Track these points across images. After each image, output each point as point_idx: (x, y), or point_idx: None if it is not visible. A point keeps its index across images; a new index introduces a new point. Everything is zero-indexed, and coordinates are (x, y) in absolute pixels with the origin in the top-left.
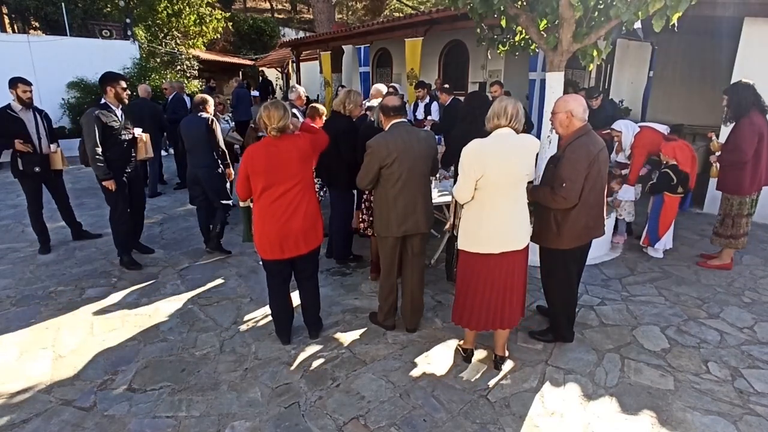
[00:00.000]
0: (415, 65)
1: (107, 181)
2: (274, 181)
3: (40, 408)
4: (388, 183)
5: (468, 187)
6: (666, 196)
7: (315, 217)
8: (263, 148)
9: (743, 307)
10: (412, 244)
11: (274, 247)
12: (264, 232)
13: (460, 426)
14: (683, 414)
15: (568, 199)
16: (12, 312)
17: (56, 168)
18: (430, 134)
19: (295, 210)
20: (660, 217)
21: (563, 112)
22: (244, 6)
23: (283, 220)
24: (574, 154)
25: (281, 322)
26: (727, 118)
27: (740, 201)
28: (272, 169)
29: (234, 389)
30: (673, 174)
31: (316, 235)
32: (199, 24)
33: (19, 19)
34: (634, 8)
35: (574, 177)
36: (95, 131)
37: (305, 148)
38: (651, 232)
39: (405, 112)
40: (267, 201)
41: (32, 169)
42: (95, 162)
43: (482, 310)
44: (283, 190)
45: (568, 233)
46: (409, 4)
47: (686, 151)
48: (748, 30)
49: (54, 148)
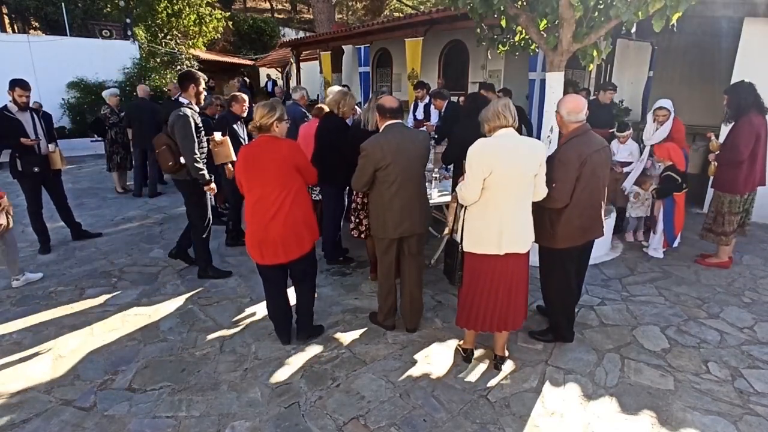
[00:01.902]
0: (415, 65)
1: (209, 185)
2: (254, 183)
3: (40, 408)
4: (383, 185)
5: (476, 186)
6: (676, 196)
7: (299, 224)
8: (249, 147)
9: (743, 307)
10: (409, 245)
11: (256, 251)
12: (248, 234)
13: (460, 426)
14: (683, 414)
15: (557, 200)
16: (12, 312)
17: (55, 168)
18: (424, 135)
19: (275, 216)
20: (675, 219)
21: (557, 113)
22: (244, 6)
23: (262, 223)
24: (564, 155)
25: (278, 323)
26: (727, 117)
27: (731, 200)
28: (250, 170)
29: (234, 389)
30: (676, 175)
31: (300, 245)
32: (199, 24)
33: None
34: (634, 8)
35: (564, 177)
36: (193, 132)
37: (287, 159)
38: (668, 233)
39: (401, 113)
40: (249, 202)
41: (31, 170)
42: (196, 166)
43: (487, 312)
44: (261, 194)
45: (562, 233)
46: (409, 4)
47: (678, 150)
48: (748, 30)
49: (52, 147)
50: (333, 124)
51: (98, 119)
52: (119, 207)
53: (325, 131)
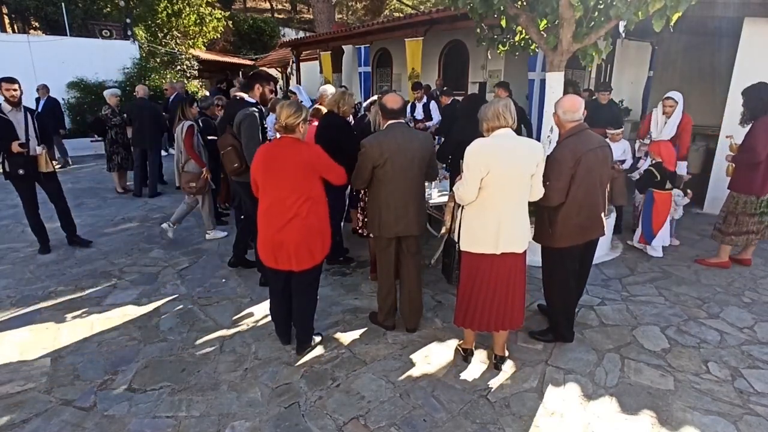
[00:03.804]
0: (416, 65)
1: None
2: (270, 184)
3: (40, 408)
4: (381, 183)
5: (473, 185)
6: (655, 192)
7: (313, 232)
8: (269, 147)
9: (743, 307)
10: (407, 245)
11: (268, 254)
12: (260, 236)
13: (460, 426)
14: (683, 414)
15: (550, 198)
16: (12, 312)
17: (41, 170)
18: (427, 136)
19: (291, 220)
20: (652, 214)
21: (554, 113)
22: (244, 6)
23: (276, 227)
24: (558, 154)
25: (279, 323)
26: (745, 118)
27: (746, 200)
28: (269, 171)
29: (234, 389)
30: (657, 171)
31: (311, 254)
32: (199, 24)
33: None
34: (634, 8)
35: (557, 176)
36: (259, 132)
37: (307, 163)
38: (645, 230)
39: (404, 113)
40: (264, 204)
41: (16, 171)
42: None
43: (485, 312)
44: (277, 196)
45: (560, 231)
46: (409, 4)
47: (671, 149)
48: (748, 30)
49: (39, 150)
50: (334, 123)
51: (98, 119)
52: (119, 207)
53: (325, 130)
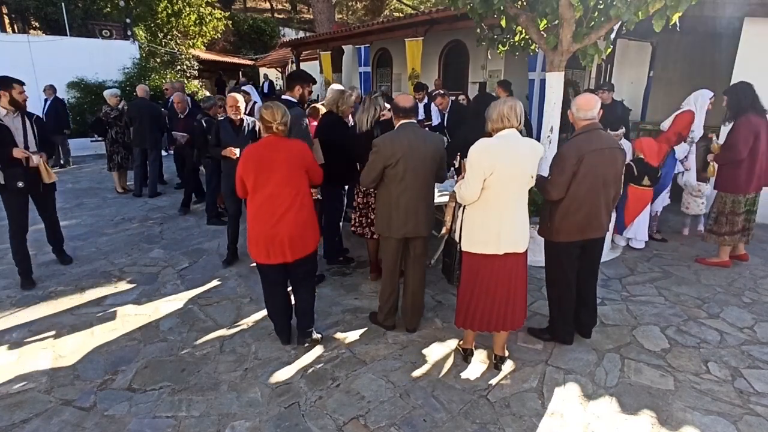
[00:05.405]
0: (416, 65)
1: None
2: (264, 181)
3: (40, 408)
4: (392, 183)
5: (476, 185)
6: (629, 187)
7: (306, 225)
8: (259, 147)
9: (743, 307)
10: (414, 246)
11: (261, 250)
12: (252, 234)
13: (460, 426)
14: (683, 414)
15: (550, 192)
16: (12, 312)
17: (44, 182)
18: (439, 137)
19: (284, 214)
20: (625, 208)
21: (569, 110)
22: (244, 6)
23: (271, 222)
24: (564, 150)
25: (278, 323)
26: (727, 117)
27: (734, 199)
28: (261, 171)
29: (234, 389)
30: (636, 166)
31: (305, 244)
32: (199, 24)
33: (19, 19)
34: (634, 8)
35: (559, 171)
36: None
37: (298, 155)
38: (617, 221)
39: (416, 112)
40: (257, 202)
41: (15, 185)
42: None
43: (486, 312)
44: (271, 192)
45: (559, 226)
46: (409, 4)
47: (653, 146)
48: (748, 30)
49: (36, 159)
50: (333, 123)
51: (99, 119)
52: (119, 207)
53: (324, 130)
